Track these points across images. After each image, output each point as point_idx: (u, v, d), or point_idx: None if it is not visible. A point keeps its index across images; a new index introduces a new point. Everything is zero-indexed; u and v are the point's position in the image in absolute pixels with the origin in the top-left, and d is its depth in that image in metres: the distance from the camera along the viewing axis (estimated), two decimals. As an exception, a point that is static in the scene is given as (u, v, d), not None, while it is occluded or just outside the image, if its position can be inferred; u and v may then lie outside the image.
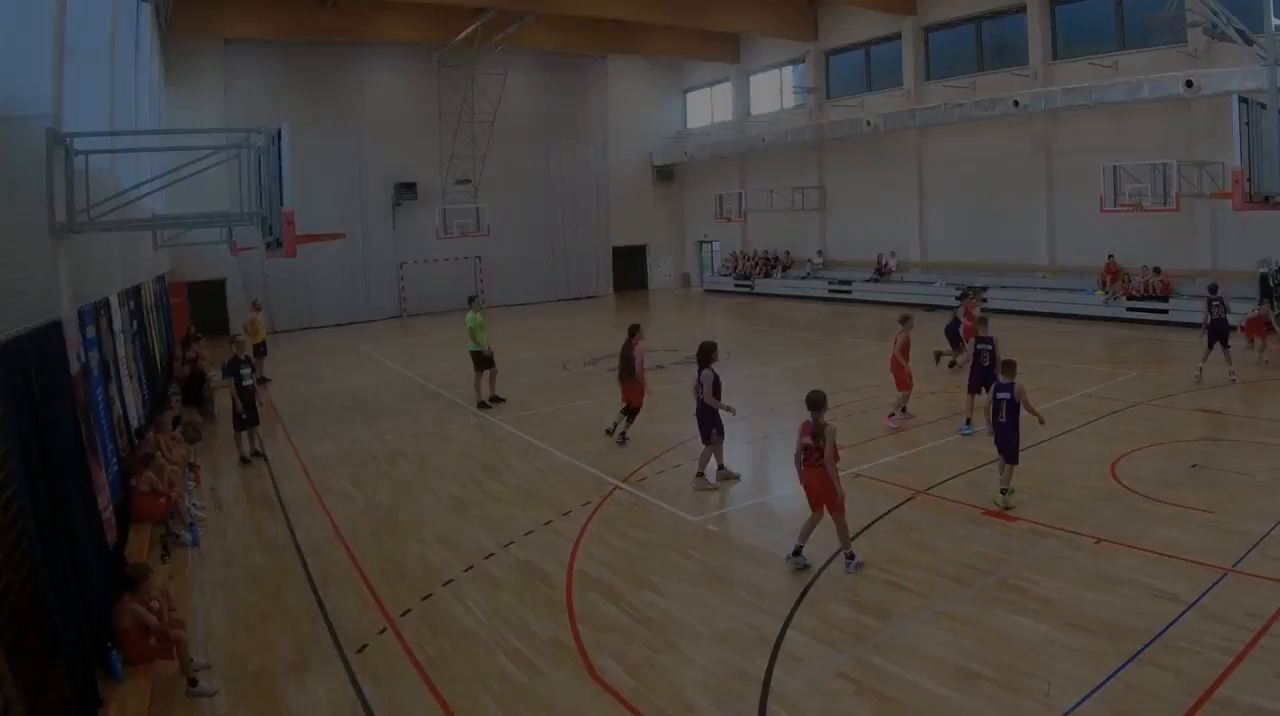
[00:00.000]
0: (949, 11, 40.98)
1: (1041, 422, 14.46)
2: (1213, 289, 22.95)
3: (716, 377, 16.04)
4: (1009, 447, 13.92)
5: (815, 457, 11.66)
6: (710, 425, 15.98)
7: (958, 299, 23.72)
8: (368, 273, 48.11)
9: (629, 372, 19.29)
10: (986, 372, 17.77)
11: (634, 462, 17.66)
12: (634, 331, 19.57)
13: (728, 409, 16.16)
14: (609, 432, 19.76)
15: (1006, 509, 13.72)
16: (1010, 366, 14.24)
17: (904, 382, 19.30)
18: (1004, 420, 13.87)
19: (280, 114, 32.39)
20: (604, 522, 14.39)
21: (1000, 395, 13.95)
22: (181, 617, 10.05)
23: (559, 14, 41.43)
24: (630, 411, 19.58)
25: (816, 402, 11.78)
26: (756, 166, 53.54)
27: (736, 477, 16.27)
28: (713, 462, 16.37)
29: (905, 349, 19.04)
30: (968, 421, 18.48)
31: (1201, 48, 30.27)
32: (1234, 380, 21.52)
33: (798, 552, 11.94)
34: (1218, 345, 21.72)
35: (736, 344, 32.74)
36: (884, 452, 17.48)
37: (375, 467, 18.62)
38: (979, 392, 18.19)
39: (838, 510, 11.77)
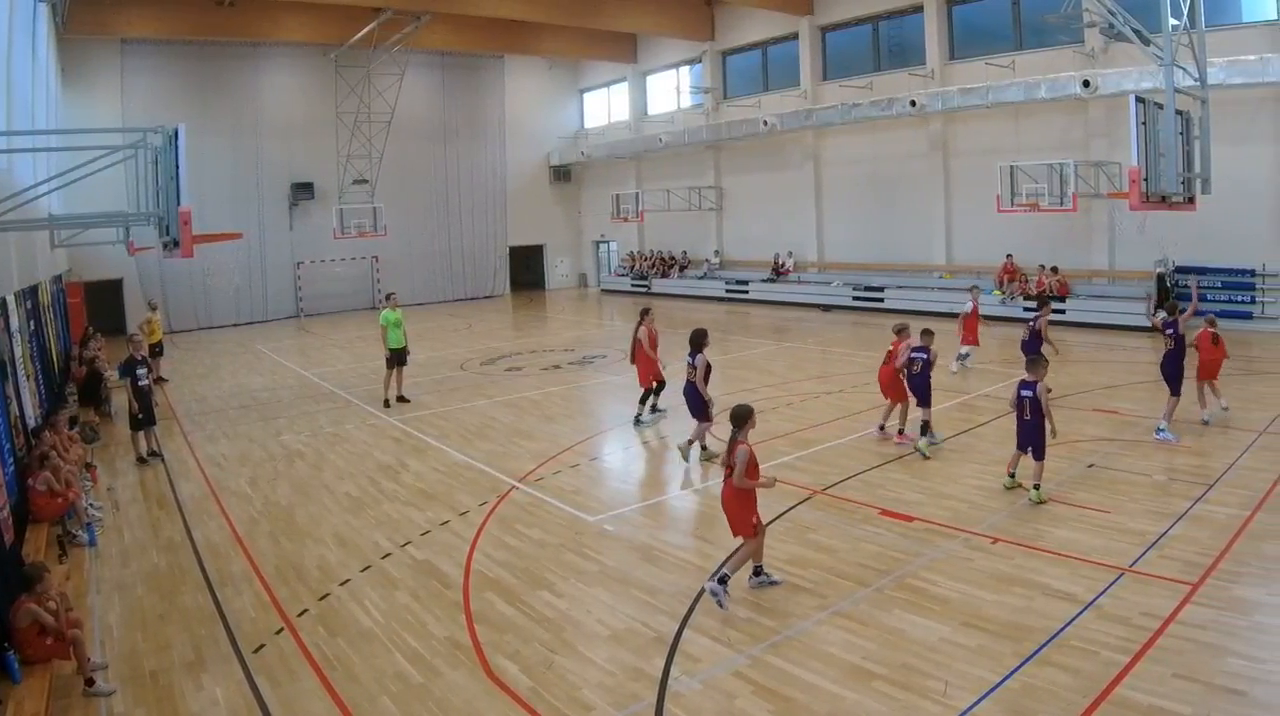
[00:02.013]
0: (846, 11, 41.42)
1: (1054, 434, 14.11)
2: (1172, 309, 18.65)
3: (708, 363, 16.86)
4: (1036, 445, 14.00)
5: (728, 475, 11.05)
6: (701, 404, 16.87)
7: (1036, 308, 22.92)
8: (265, 273, 47.61)
9: (639, 351, 20.08)
10: (927, 380, 17.33)
11: (530, 463, 17.73)
12: (644, 314, 20.32)
13: (709, 401, 16.88)
14: (638, 421, 20.29)
15: (1040, 503, 13.74)
16: (1035, 364, 14.32)
17: (903, 394, 17.80)
18: (1028, 417, 13.98)
19: (177, 114, 32.22)
20: (501, 522, 14.41)
21: (1024, 392, 14.02)
22: (79, 617, 10.03)
23: (456, 14, 41.43)
24: (646, 392, 20.32)
25: (736, 418, 11.19)
26: (653, 166, 53.93)
27: (716, 456, 16.49)
28: (697, 441, 17.28)
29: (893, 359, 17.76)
30: (927, 428, 17.32)
31: (1099, 48, 30.76)
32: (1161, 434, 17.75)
33: (758, 572, 11.36)
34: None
35: (634, 344, 32.94)
36: (781, 453, 17.45)
37: (272, 467, 18.51)
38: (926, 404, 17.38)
39: (740, 532, 11.01)
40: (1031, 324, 21.57)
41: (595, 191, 58.04)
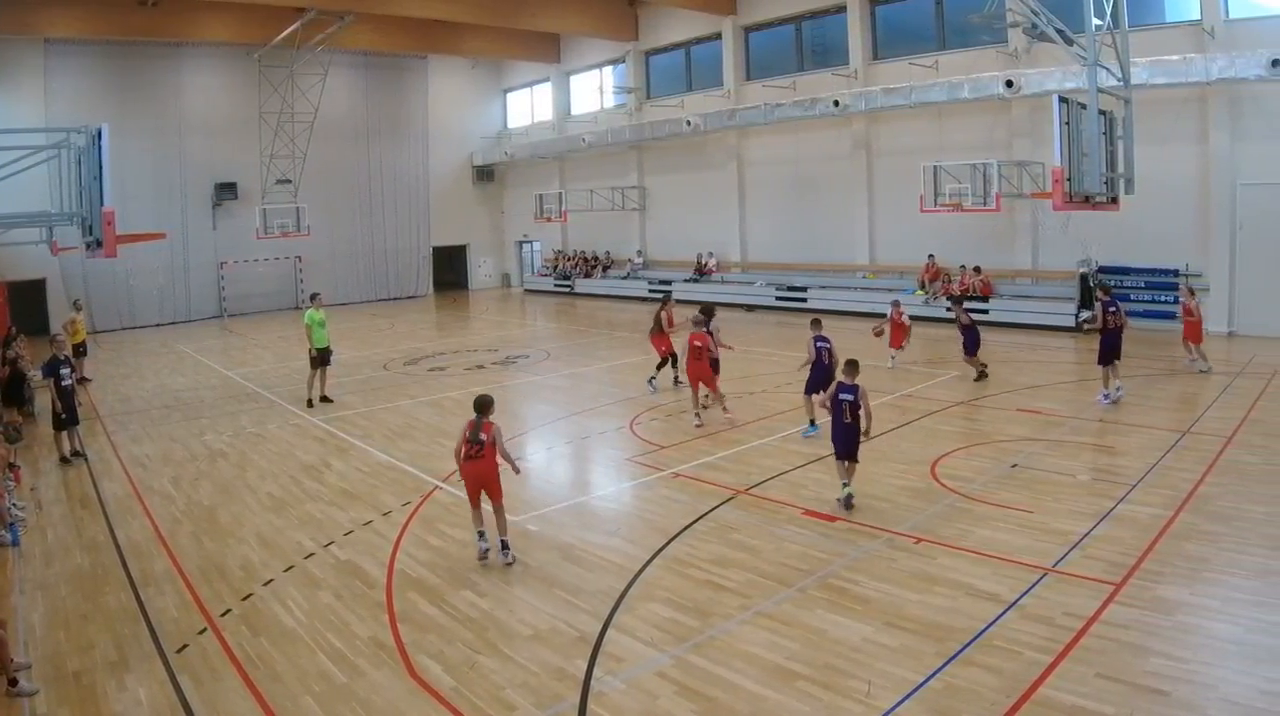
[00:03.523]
0: (769, 11, 41.63)
1: (868, 435, 14.04)
2: (1105, 290, 20.82)
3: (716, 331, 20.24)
4: (855, 448, 13.90)
5: (478, 451, 12.57)
6: (713, 369, 20.00)
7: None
8: (188, 273, 47.20)
9: (658, 329, 23.51)
10: (826, 372, 17.60)
11: (453, 463, 17.47)
12: (666, 298, 24.71)
13: (728, 347, 21.08)
14: (651, 382, 23.70)
15: (849, 508, 13.77)
16: (853, 366, 14.05)
17: (708, 377, 20.10)
18: (849, 421, 13.76)
19: (101, 114, 31.94)
20: (424, 522, 14.49)
21: (843, 396, 13.78)
22: (2, 617, 10.05)
23: (379, 14, 41.34)
24: (662, 361, 23.75)
25: (484, 406, 12.94)
26: (577, 166, 54.06)
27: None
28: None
29: None
30: (812, 422, 18.24)
31: (1022, 48, 30.94)
32: (1107, 398, 19.93)
33: (482, 536, 12.74)
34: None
35: (556, 344, 33.28)
36: (704, 453, 17.62)
37: (195, 467, 18.45)
38: (817, 393, 17.57)
39: (500, 498, 12.80)
40: (964, 320, 22.76)
41: (518, 191, 58.02)
